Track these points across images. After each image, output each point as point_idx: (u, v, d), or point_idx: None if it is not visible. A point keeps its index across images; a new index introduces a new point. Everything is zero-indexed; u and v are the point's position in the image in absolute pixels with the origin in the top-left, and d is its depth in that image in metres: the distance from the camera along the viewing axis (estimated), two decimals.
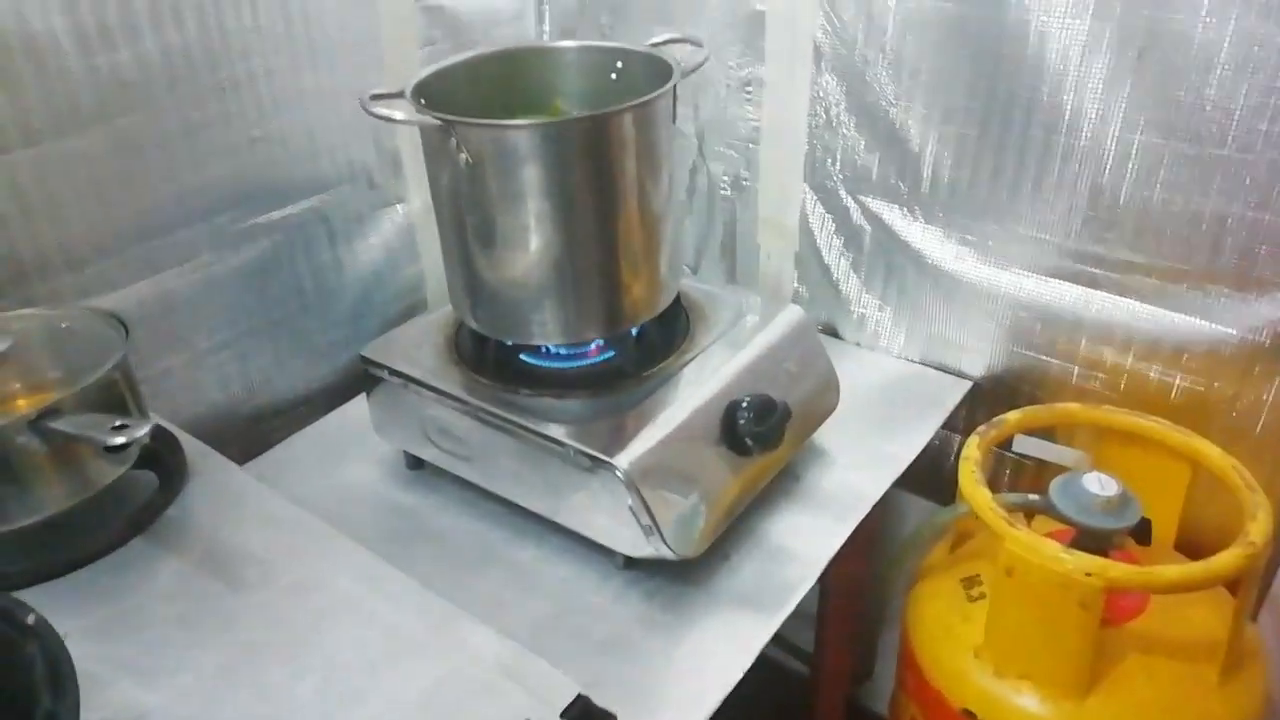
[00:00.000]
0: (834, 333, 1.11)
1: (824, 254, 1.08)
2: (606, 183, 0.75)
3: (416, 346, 0.89)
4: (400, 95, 0.78)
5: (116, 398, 0.69)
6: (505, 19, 1.14)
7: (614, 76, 0.88)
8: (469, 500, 0.88)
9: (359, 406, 0.98)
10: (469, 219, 0.78)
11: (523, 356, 0.86)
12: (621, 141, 0.75)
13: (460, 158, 0.73)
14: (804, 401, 0.87)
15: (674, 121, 0.80)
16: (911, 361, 1.06)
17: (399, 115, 0.73)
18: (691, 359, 0.85)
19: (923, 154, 0.95)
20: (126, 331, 0.72)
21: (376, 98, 0.77)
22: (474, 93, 0.86)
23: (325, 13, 0.95)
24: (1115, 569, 0.70)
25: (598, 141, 0.74)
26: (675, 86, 0.77)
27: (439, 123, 0.72)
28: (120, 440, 0.55)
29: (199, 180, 0.90)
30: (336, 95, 0.99)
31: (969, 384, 1.01)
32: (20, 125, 0.77)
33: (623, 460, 0.73)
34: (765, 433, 0.79)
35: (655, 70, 0.83)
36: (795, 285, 1.12)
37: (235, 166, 0.93)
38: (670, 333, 0.88)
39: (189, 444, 0.79)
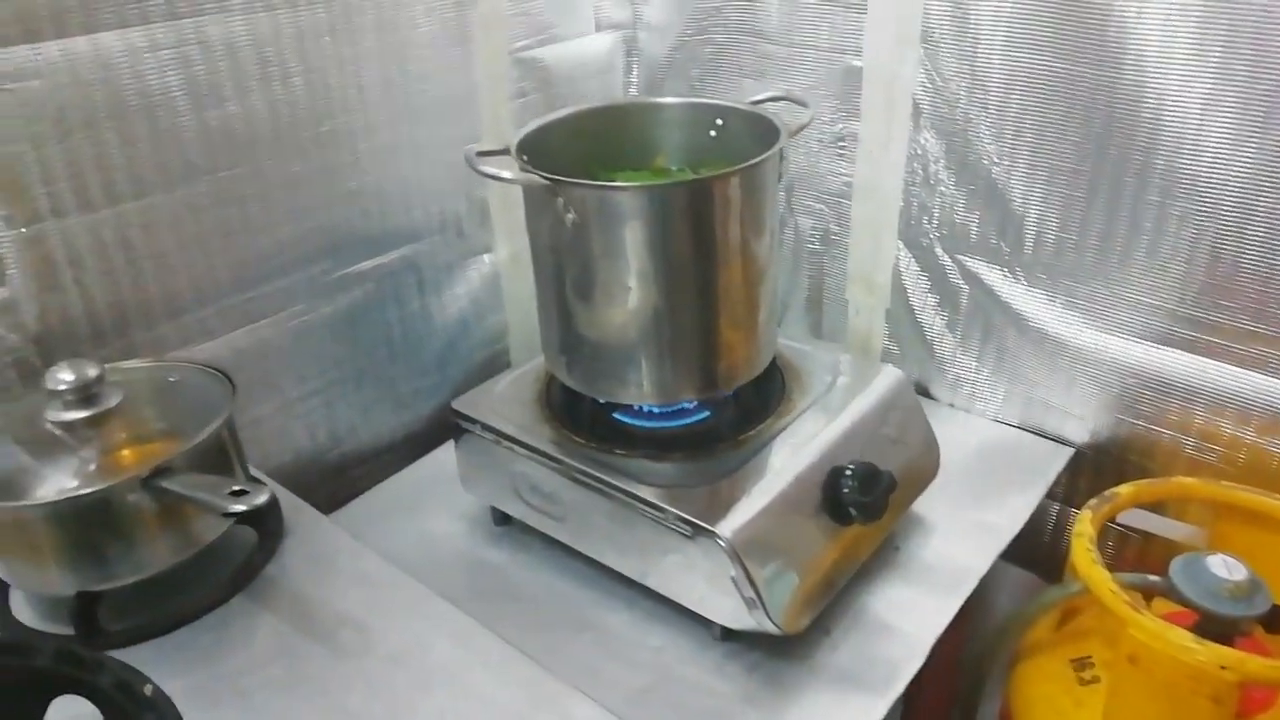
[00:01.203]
0: (925, 392, 1.08)
1: (917, 312, 1.05)
2: (710, 244, 0.74)
3: (507, 401, 0.89)
4: (504, 152, 0.78)
5: (223, 455, 0.69)
6: (594, 71, 1.14)
7: (714, 134, 0.87)
8: (557, 559, 0.87)
9: (442, 456, 0.98)
10: (569, 275, 0.77)
11: (616, 415, 0.84)
12: (727, 203, 0.74)
13: (566, 217, 0.72)
14: (905, 468, 0.84)
15: (779, 181, 0.78)
16: (1009, 425, 1.02)
17: (507, 174, 0.72)
18: (789, 422, 0.83)
19: (1026, 214, 0.93)
20: (233, 387, 0.72)
21: (483, 155, 0.77)
22: (574, 147, 0.86)
23: (425, 71, 0.96)
24: (1253, 662, 0.65)
25: (704, 204, 0.73)
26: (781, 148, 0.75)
27: (547, 182, 0.71)
28: (239, 508, 0.55)
29: (296, 231, 0.91)
30: (432, 148, 1.00)
31: (1071, 451, 0.97)
32: (132, 178, 0.79)
33: (725, 529, 0.71)
34: (870, 502, 0.77)
35: (757, 129, 0.82)
36: (885, 343, 1.09)
37: (331, 217, 0.94)
38: (766, 393, 0.86)
39: (282, 497, 0.79)
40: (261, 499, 0.55)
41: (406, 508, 0.97)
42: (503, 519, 0.91)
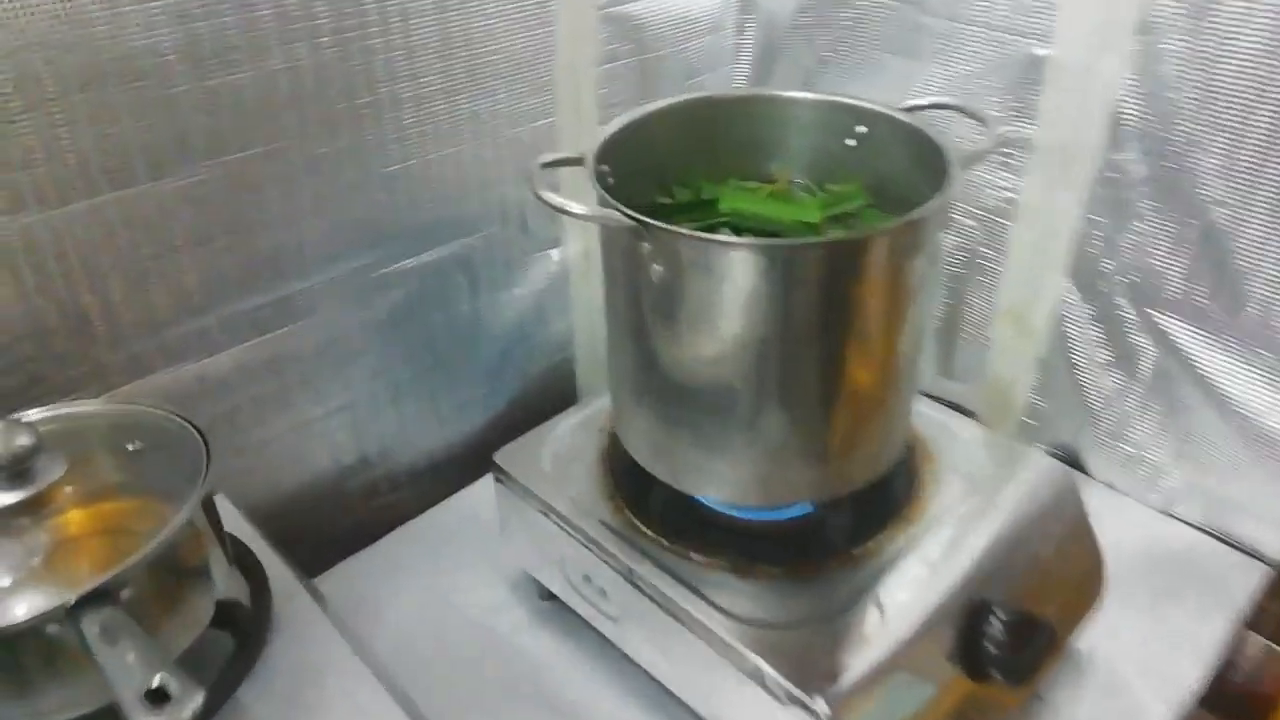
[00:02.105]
0: (1076, 463, 0.88)
1: (1080, 368, 0.84)
2: (845, 317, 0.55)
3: (561, 459, 0.72)
4: (577, 161, 0.60)
5: (193, 550, 0.54)
6: (699, 31, 0.93)
7: (852, 143, 0.67)
8: (609, 658, 0.71)
9: (486, 489, 0.81)
10: (651, 338, 0.59)
11: (699, 497, 0.67)
12: (878, 265, 0.54)
13: (652, 268, 0.54)
14: (1064, 600, 0.66)
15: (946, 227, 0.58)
16: (1186, 524, 0.82)
17: (577, 207, 0.54)
18: (920, 532, 0.64)
19: (1254, 272, 0.70)
20: (207, 453, 0.56)
21: (550, 165, 0.58)
22: (671, 148, 0.67)
23: (490, 29, 0.77)
24: None
25: (843, 268, 0.53)
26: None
27: (631, 223, 0.53)
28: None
29: (324, 224, 0.74)
30: (495, 124, 0.81)
31: (1265, 570, 0.77)
32: (111, 166, 0.62)
33: (828, 700, 0.54)
34: (1021, 662, 0.58)
35: (913, 147, 0.62)
36: (1031, 397, 0.89)
37: (367, 207, 0.76)
38: (891, 487, 0.67)
39: (276, 573, 0.64)
40: (187, 713, 0.39)
41: (436, 559, 0.82)
42: (548, 594, 0.75)
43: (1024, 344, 0.87)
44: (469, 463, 0.93)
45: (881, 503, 0.66)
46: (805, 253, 0.53)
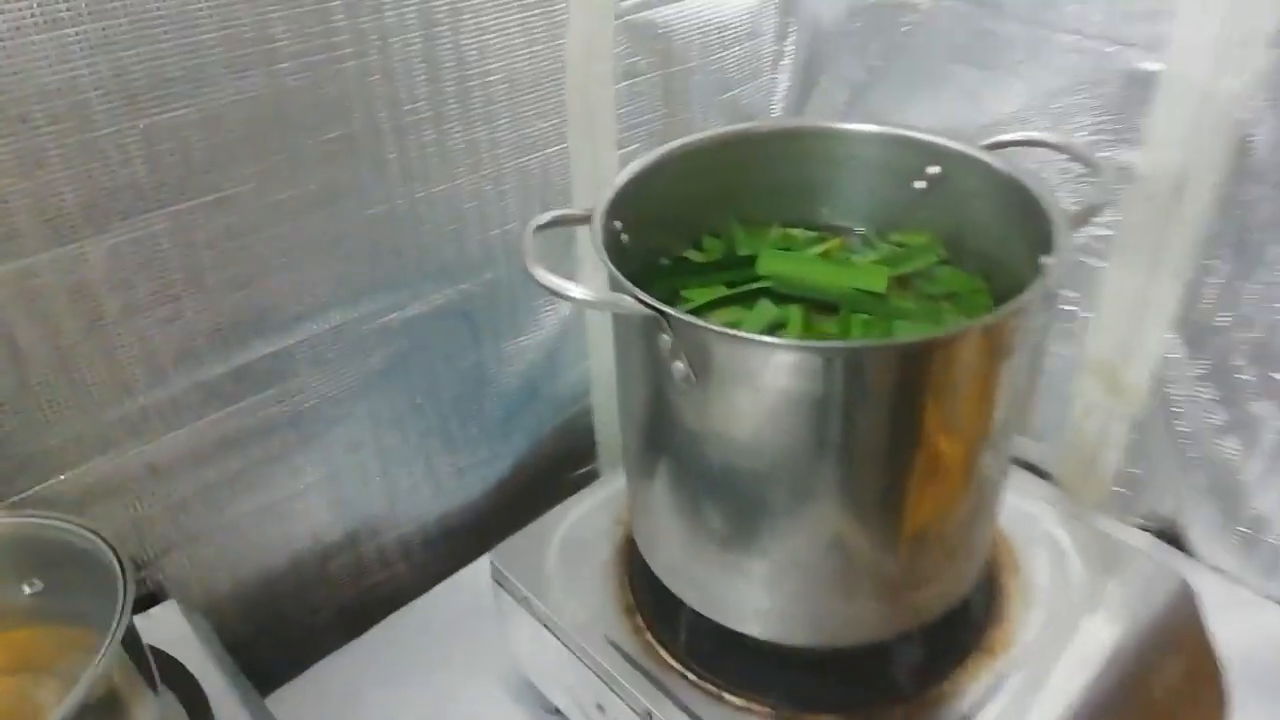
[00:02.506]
0: (1176, 541, 0.75)
1: (1184, 433, 0.71)
2: (923, 427, 0.43)
3: (570, 558, 0.61)
4: (581, 220, 0.48)
5: (108, 701, 0.44)
6: (733, 39, 0.81)
7: (921, 185, 0.55)
8: None
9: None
10: (674, 446, 0.47)
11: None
12: (966, 367, 0.42)
13: (674, 366, 0.42)
14: None
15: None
16: None
17: (575, 290, 0.42)
18: (1007, 670, 0.52)
19: None
20: (124, 580, 0.46)
21: (544, 227, 0.47)
22: (700, 191, 0.56)
23: (490, 46, 0.66)
24: None
25: (924, 370, 0.41)
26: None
27: (649, 312, 0.41)
28: None
29: (293, 278, 0.64)
30: (495, 153, 0.70)
31: None
32: (53, 219, 0.52)
33: None
34: None
35: (998, 194, 0.49)
36: (1123, 464, 0.76)
37: (344, 257, 0.66)
38: (969, 609, 0.55)
39: (221, 694, 0.54)
40: None
41: (431, 655, 0.71)
42: (556, 709, 0.64)
43: (1115, 403, 0.75)
44: (472, 533, 0.82)
45: (960, 628, 0.54)
46: (872, 356, 0.40)
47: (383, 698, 0.68)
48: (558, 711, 0.64)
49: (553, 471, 0.86)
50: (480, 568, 0.77)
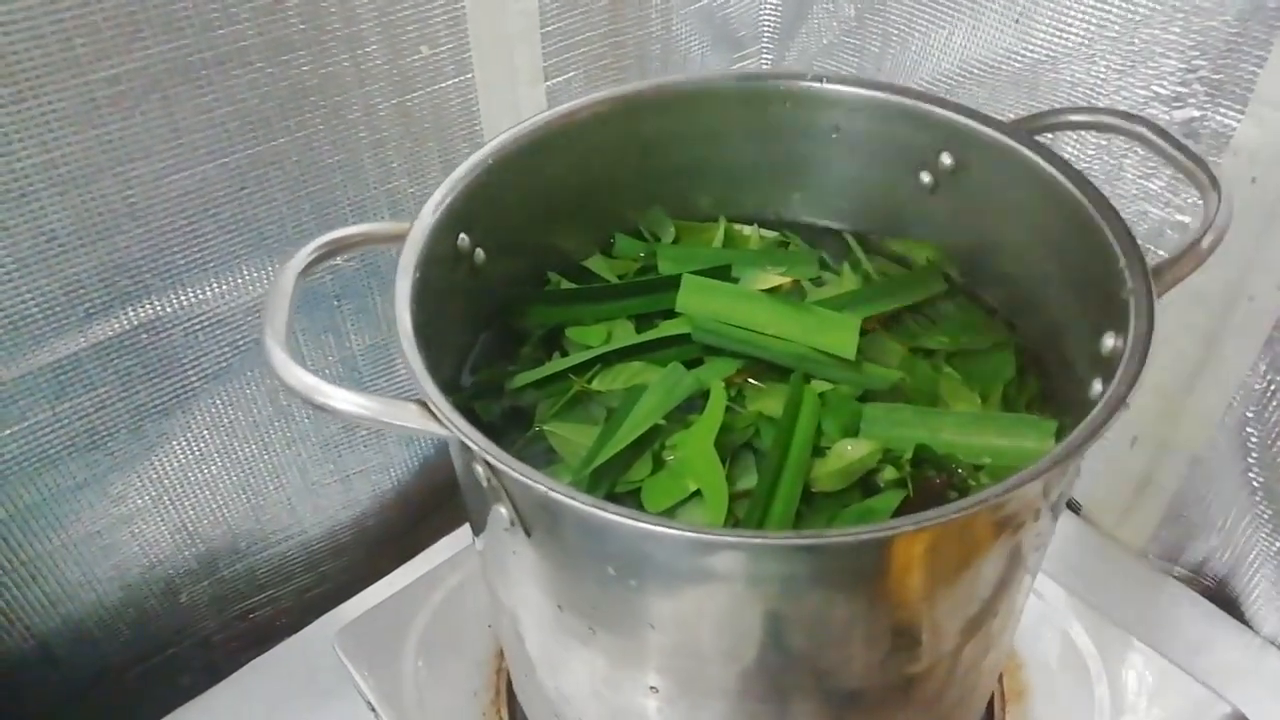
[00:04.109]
0: (1227, 602, 0.60)
1: (1257, 478, 0.55)
2: (907, 626, 0.27)
3: (435, 659, 0.46)
4: (390, 238, 0.32)
5: None
6: None
7: (927, 180, 0.37)
8: None
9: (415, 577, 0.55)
10: (519, 606, 0.32)
11: None
12: (972, 548, 0.26)
13: (496, 510, 0.26)
14: None
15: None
16: None
17: (338, 399, 0.26)
18: None
19: None
20: None
21: (317, 263, 0.31)
22: (616, 168, 0.39)
23: None
24: None
25: (909, 564, 0.25)
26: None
27: (477, 453, 0.25)
28: None
29: (77, 260, 0.47)
30: (366, 89, 0.52)
31: None
32: None
33: None
34: None
35: (1041, 204, 0.32)
36: (1173, 504, 0.60)
37: (155, 227, 0.49)
38: None
39: None
40: None
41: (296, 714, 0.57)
42: None
43: (1171, 435, 0.58)
44: (361, 552, 0.68)
45: None
46: (826, 559, 0.24)
47: None
48: None
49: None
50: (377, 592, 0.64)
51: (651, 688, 0.29)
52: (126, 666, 0.61)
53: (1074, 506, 0.66)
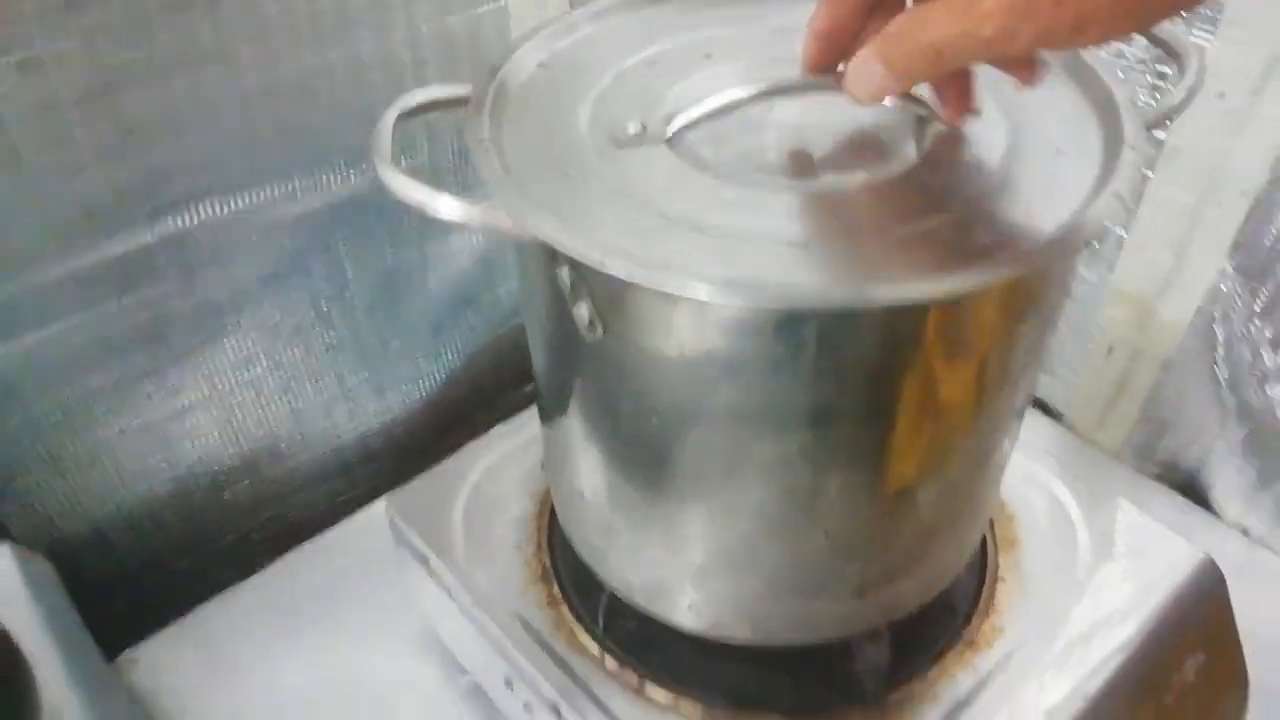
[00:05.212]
0: (1197, 495, 0.65)
1: (1230, 377, 0.60)
2: (911, 405, 0.32)
3: (481, 512, 0.51)
4: (459, 102, 0.36)
5: None
6: None
7: None
8: None
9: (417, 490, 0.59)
10: (588, 410, 0.36)
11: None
12: (969, 331, 0.31)
13: (576, 311, 0.31)
14: None
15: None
16: None
17: (447, 206, 0.31)
18: (989, 665, 0.43)
19: None
20: None
21: (412, 114, 0.35)
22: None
23: None
24: None
25: (914, 337, 0.30)
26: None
27: (549, 251, 0.29)
28: None
29: (152, 159, 0.52)
30: (409, 10, 0.57)
31: None
32: None
33: None
34: None
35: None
36: (1148, 408, 0.66)
37: (224, 131, 0.53)
38: (948, 598, 0.45)
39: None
40: None
41: (333, 600, 0.62)
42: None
43: (1145, 342, 0.64)
44: (398, 460, 0.72)
45: (938, 615, 0.45)
46: (849, 327, 0.29)
47: (266, 652, 0.59)
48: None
49: (491, 391, 0.75)
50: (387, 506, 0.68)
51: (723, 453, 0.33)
52: (174, 557, 0.65)
53: (1055, 414, 0.71)
